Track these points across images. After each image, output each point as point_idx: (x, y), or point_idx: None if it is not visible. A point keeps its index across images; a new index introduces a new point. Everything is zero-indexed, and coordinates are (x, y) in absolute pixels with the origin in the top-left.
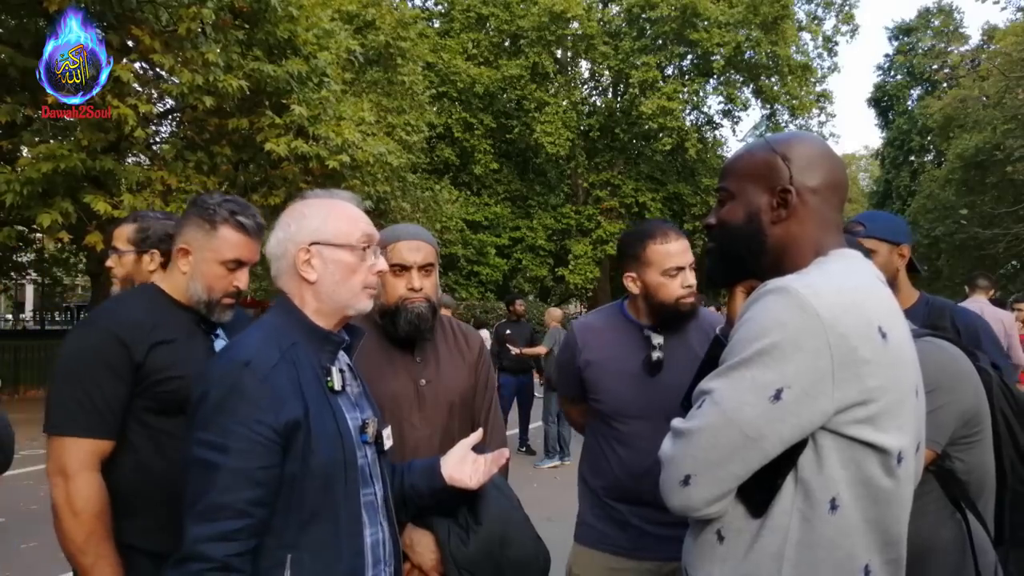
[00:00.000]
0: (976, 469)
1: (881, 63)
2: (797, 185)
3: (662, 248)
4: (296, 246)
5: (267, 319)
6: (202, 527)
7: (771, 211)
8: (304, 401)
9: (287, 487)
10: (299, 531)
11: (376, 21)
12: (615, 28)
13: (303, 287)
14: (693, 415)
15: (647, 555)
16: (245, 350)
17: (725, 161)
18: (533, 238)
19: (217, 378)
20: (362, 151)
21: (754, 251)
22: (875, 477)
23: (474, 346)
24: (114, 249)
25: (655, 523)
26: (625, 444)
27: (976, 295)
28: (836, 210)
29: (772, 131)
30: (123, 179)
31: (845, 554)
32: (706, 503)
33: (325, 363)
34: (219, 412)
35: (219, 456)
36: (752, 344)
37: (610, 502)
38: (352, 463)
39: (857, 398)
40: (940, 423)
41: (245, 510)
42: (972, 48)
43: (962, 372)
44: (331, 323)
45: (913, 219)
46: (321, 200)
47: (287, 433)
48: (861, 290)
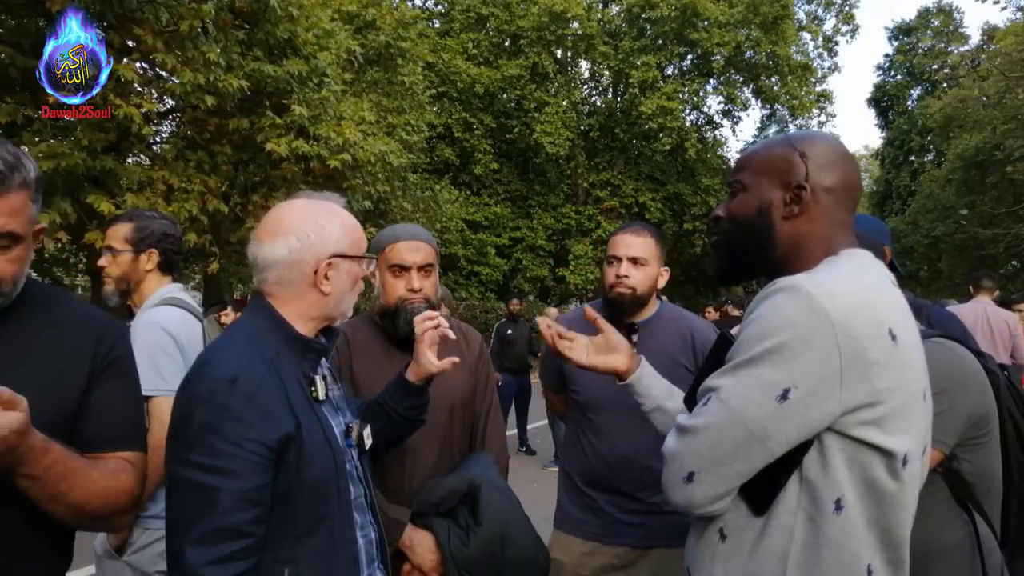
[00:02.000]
0: (983, 470)
1: (881, 63)
2: (812, 183)
3: (612, 239)
4: (316, 259)
5: (246, 324)
6: (202, 551)
7: (783, 207)
8: (294, 415)
9: (281, 501)
10: (296, 544)
11: (376, 21)
12: (615, 28)
13: (310, 295)
14: (699, 412)
15: (618, 541)
16: (229, 364)
17: (741, 154)
18: (533, 238)
19: (203, 398)
20: (363, 150)
21: (761, 245)
22: (880, 479)
23: (474, 346)
24: (109, 248)
25: (626, 511)
26: (599, 434)
27: (980, 295)
28: (848, 211)
29: (780, 132)
30: (124, 179)
31: (850, 555)
32: (709, 500)
33: (308, 372)
34: (209, 433)
35: (214, 479)
36: (761, 343)
37: (585, 489)
38: (343, 471)
39: (865, 400)
40: (948, 424)
41: (245, 531)
42: (972, 48)
43: (970, 373)
44: (314, 328)
45: (913, 219)
46: (328, 206)
47: (279, 449)
48: (872, 291)
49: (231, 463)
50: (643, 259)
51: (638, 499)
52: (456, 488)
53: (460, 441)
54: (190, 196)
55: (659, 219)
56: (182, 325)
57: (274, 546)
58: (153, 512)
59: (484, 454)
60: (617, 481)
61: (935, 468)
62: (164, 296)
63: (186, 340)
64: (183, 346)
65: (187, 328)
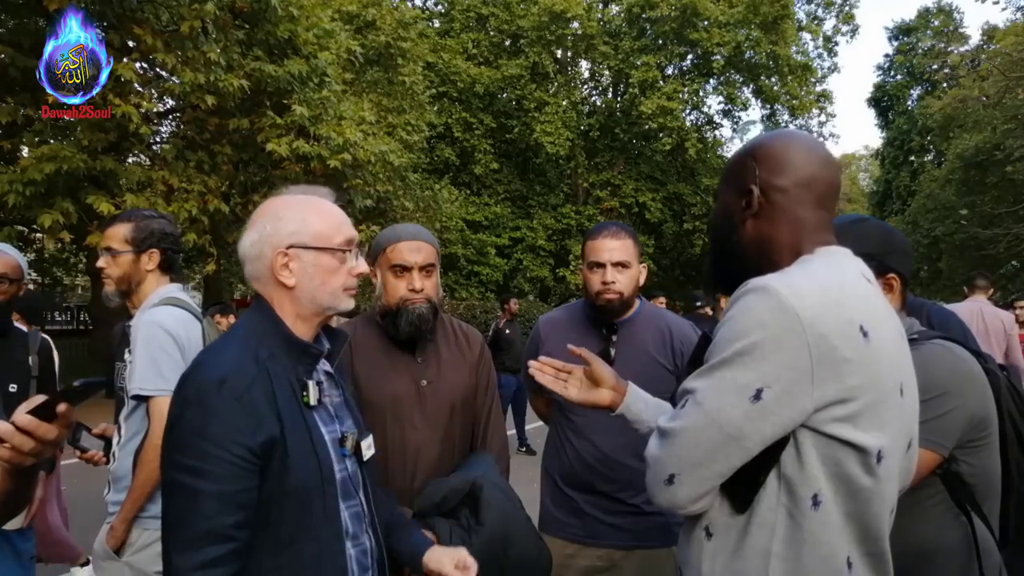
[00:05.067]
0: (983, 472)
1: (881, 63)
2: (762, 184)
3: (590, 243)
4: (273, 249)
5: (245, 323)
6: (186, 556)
7: (740, 211)
8: (279, 419)
9: (264, 508)
10: (278, 552)
11: (376, 21)
12: (615, 28)
13: (281, 292)
14: (677, 415)
15: (601, 542)
16: (220, 365)
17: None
18: (533, 238)
19: (192, 399)
20: (363, 150)
21: (730, 250)
22: (854, 475)
23: (475, 346)
24: (108, 249)
25: (609, 512)
26: (580, 435)
27: (975, 295)
28: (814, 207)
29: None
30: (124, 179)
31: (829, 548)
32: (690, 501)
33: (302, 376)
34: (196, 435)
35: (199, 481)
36: (732, 344)
37: (567, 490)
38: (330, 479)
39: (836, 397)
40: (948, 427)
41: (230, 535)
42: (972, 48)
43: (971, 375)
44: (311, 326)
45: (913, 219)
46: (298, 199)
47: (264, 453)
48: (844, 289)
49: (217, 466)
50: (626, 262)
51: (620, 500)
52: (458, 488)
53: (461, 441)
54: (190, 196)
55: (659, 219)
56: (182, 325)
57: (257, 553)
58: (152, 513)
59: (485, 454)
60: (598, 482)
61: (934, 470)
62: (164, 296)
63: (186, 340)
64: (183, 346)
65: (187, 328)
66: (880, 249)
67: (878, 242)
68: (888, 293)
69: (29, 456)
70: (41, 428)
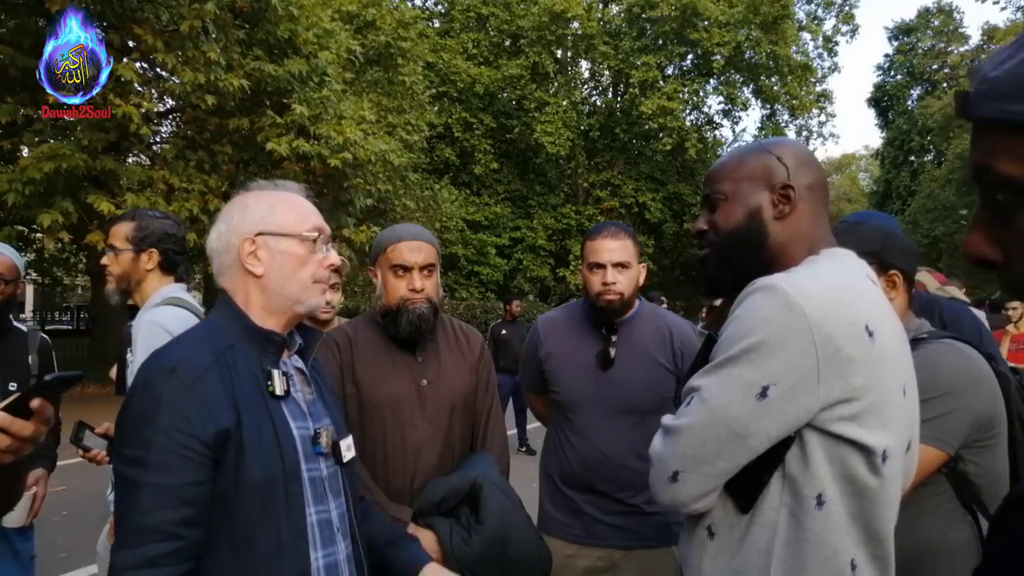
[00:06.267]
0: (990, 472)
1: (881, 63)
2: (795, 182)
3: (590, 244)
4: (240, 237)
5: (208, 319)
6: (126, 553)
7: (772, 208)
8: (236, 410)
9: (219, 505)
10: (232, 554)
11: (376, 21)
12: (615, 28)
13: (248, 282)
14: (682, 412)
15: (600, 543)
16: (173, 355)
17: (713, 168)
18: (533, 238)
19: (141, 387)
20: (363, 149)
21: (754, 249)
22: (859, 474)
23: (475, 346)
24: (111, 247)
25: (608, 512)
26: (579, 435)
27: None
28: (824, 208)
29: (770, 134)
30: (124, 179)
31: (832, 549)
32: (694, 499)
33: (266, 366)
34: (140, 424)
35: (140, 472)
36: (739, 342)
37: (566, 491)
38: (294, 476)
39: (841, 396)
40: (953, 426)
41: (172, 532)
42: (972, 48)
43: (979, 375)
44: (281, 322)
45: (913, 219)
46: (266, 192)
47: (217, 445)
48: (850, 289)
49: (160, 456)
50: (626, 262)
51: (619, 500)
52: (458, 487)
53: (461, 441)
54: (191, 196)
55: (659, 219)
56: (183, 325)
57: (210, 554)
58: None
59: (485, 453)
60: (597, 482)
61: (940, 469)
62: (166, 296)
63: None
64: None
65: (188, 328)
66: (881, 247)
67: (879, 240)
68: (892, 290)
69: (7, 453)
70: (15, 424)
